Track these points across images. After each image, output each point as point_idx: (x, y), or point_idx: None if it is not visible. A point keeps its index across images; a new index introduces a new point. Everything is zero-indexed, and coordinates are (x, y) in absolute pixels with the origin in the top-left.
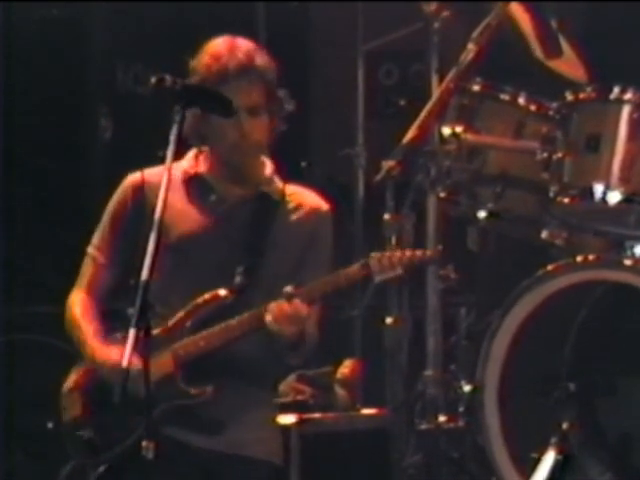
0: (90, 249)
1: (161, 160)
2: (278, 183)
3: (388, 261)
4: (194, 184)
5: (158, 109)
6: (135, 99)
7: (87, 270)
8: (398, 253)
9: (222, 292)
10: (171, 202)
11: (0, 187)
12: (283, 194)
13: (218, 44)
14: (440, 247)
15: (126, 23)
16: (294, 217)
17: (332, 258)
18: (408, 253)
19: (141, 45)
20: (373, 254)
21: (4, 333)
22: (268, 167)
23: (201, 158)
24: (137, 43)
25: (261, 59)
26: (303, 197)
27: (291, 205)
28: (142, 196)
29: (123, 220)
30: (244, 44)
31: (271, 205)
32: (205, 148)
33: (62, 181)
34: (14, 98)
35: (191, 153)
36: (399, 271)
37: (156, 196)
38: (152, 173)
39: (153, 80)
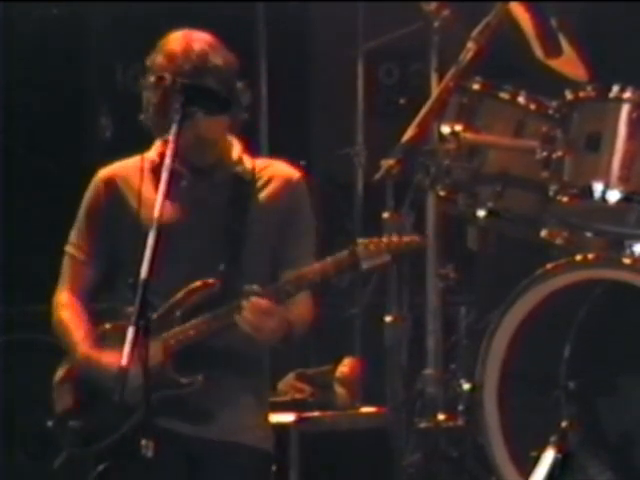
0: (68, 248)
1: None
2: (247, 162)
3: (375, 247)
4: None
5: None
6: (135, 99)
7: (68, 269)
8: (385, 239)
9: (211, 280)
10: (145, 194)
11: (0, 187)
12: (253, 172)
13: (173, 43)
14: (429, 235)
15: (126, 23)
16: (268, 192)
17: (314, 228)
18: (395, 239)
19: (141, 45)
20: (360, 240)
21: (4, 333)
22: (236, 147)
23: (167, 147)
24: (137, 43)
25: (216, 58)
26: (273, 170)
27: (262, 181)
28: (115, 189)
29: (98, 215)
30: (199, 43)
31: (244, 185)
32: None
33: (62, 181)
34: (14, 98)
35: (157, 143)
36: (386, 257)
37: (129, 188)
38: (122, 166)
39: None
